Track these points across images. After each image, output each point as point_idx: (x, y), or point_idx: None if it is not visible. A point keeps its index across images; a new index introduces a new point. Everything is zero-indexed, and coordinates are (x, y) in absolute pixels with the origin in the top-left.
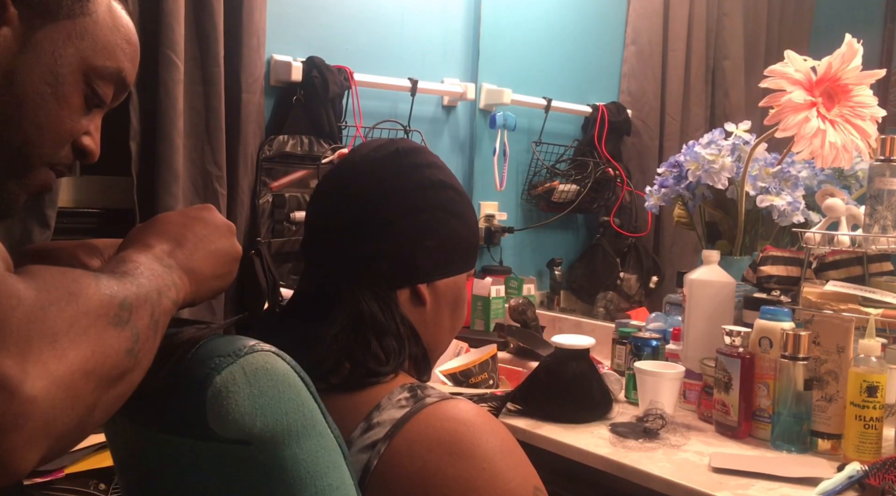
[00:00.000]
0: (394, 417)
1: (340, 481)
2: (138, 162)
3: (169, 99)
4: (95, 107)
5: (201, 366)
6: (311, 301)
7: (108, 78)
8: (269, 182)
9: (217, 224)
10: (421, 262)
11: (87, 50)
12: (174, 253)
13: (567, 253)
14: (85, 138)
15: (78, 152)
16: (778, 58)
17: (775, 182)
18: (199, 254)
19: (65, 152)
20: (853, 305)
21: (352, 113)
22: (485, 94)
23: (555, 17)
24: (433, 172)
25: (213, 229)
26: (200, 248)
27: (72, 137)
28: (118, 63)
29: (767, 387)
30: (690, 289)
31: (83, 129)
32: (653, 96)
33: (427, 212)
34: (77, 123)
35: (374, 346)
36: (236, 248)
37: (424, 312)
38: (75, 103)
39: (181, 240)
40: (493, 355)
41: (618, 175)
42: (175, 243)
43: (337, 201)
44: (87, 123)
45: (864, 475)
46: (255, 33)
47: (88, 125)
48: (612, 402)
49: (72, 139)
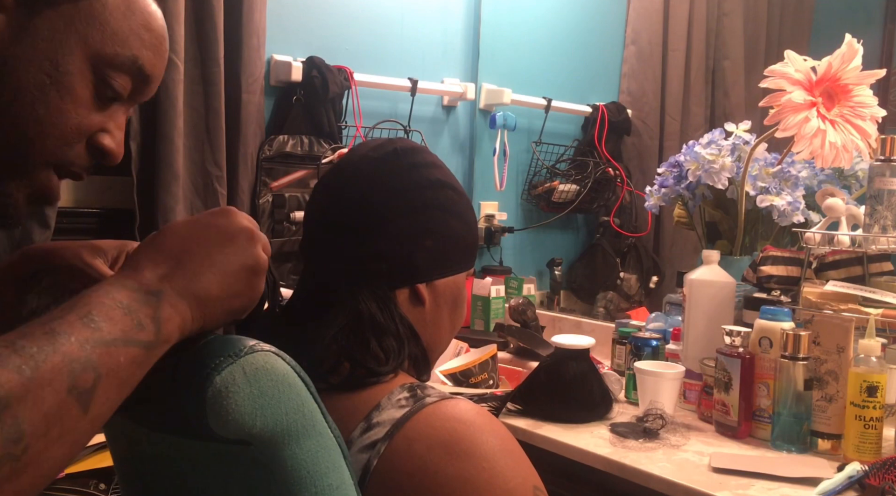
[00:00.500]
0: (393, 417)
1: (340, 481)
2: (138, 162)
3: (169, 99)
4: (113, 101)
5: (201, 367)
6: (310, 301)
7: (122, 68)
8: (269, 182)
9: (231, 232)
10: (420, 262)
11: (93, 36)
12: (171, 276)
13: (567, 253)
14: (102, 136)
15: (95, 152)
16: (778, 58)
17: (775, 182)
18: (207, 274)
19: (76, 152)
20: (853, 305)
21: (352, 113)
22: (485, 94)
23: (555, 17)
24: (432, 172)
25: (226, 239)
26: (207, 266)
27: (81, 134)
28: (132, 51)
29: (767, 387)
30: (690, 289)
31: (96, 126)
32: (653, 96)
33: (426, 211)
34: (86, 118)
35: (373, 346)
36: (255, 260)
37: (424, 312)
38: (82, 96)
39: (182, 258)
40: (493, 355)
41: (618, 175)
42: (174, 263)
43: (335, 201)
44: (103, 119)
45: (864, 475)
46: (255, 33)
47: (105, 122)
48: (612, 402)
49: (82, 136)
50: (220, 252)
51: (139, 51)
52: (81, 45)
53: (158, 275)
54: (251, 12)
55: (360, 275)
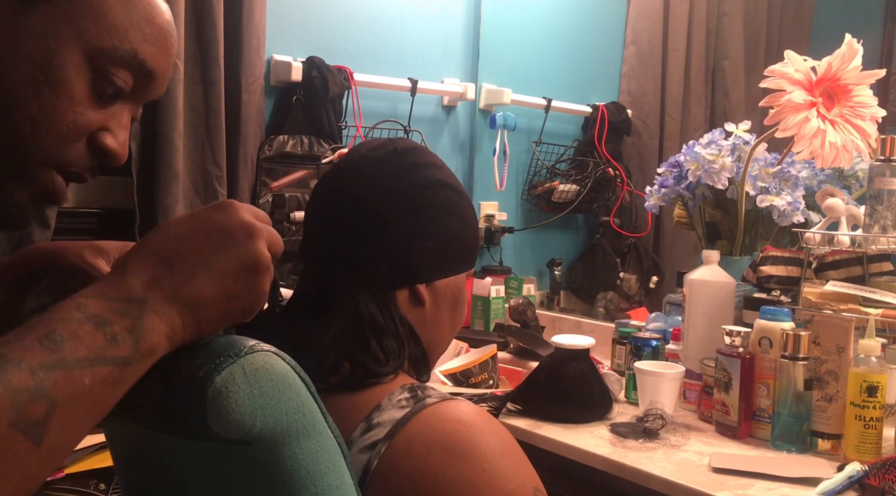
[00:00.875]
0: (394, 418)
1: (340, 481)
2: (138, 162)
3: (169, 99)
4: (115, 98)
5: (201, 366)
6: (310, 301)
7: (122, 63)
8: (269, 182)
9: (228, 228)
10: (419, 263)
11: (90, 30)
12: (158, 281)
13: (567, 253)
14: (103, 135)
15: (97, 152)
16: (778, 58)
17: (775, 182)
18: (199, 276)
19: (76, 151)
20: (853, 305)
21: (352, 113)
22: (485, 94)
23: (555, 17)
24: (432, 172)
25: (222, 237)
26: (199, 267)
27: (79, 133)
28: (133, 45)
29: (767, 387)
30: (690, 289)
31: (96, 124)
32: (653, 96)
33: (425, 211)
34: (83, 116)
35: (373, 347)
36: (254, 258)
37: (423, 313)
38: (79, 93)
39: (173, 260)
40: (493, 355)
41: (618, 175)
42: (164, 266)
43: (335, 201)
44: (104, 118)
45: (864, 475)
46: (255, 33)
47: (107, 120)
48: (612, 402)
49: (80, 135)
50: (213, 251)
51: (140, 45)
52: (77, 39)
53: (144, 281)
54: (251, 12)
55: (359, 275)
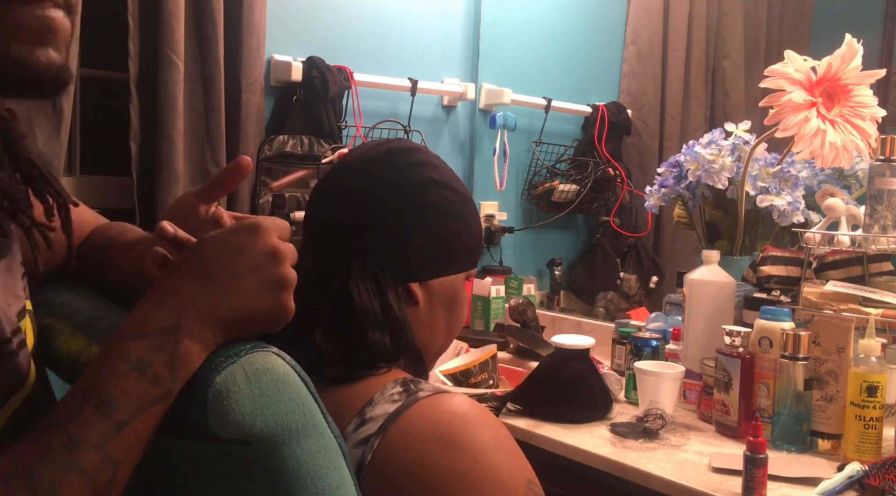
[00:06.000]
0: (386, 412)
1: (340, 481)
2: (138, 162)
3: (169, 99)
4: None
5: (201, 367)
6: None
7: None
8: (269, 182)
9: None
10: (412, 261)
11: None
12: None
13: (567, 253)
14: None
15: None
16: (778, 58)
17: (775, 182)
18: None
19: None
20: (853, 305)
21: (352, 113)
22: (485, 94)
23: (555, 17)
24: (426, 171)
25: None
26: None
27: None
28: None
29: (767, 387)
30: (690, 289)
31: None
32: (653, 96)
33: (417, 210)
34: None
35: (366, 339)
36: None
37: (417, 312)
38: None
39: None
40: (493, 355)
41: (618, 175)
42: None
43: (332, 200)
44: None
45: (864, 475)
46: (255, 33)
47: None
48: (612, 402)
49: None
50: (246, 275)
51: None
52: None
53: (179, 306)
54: (251, 12)
55: (354, 270)
